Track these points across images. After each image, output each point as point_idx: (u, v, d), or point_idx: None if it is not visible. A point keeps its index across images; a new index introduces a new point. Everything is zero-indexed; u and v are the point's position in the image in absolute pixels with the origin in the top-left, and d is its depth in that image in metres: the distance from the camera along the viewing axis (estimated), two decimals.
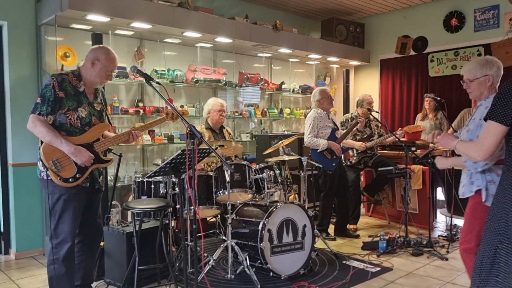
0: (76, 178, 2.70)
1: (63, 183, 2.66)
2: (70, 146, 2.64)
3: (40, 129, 2.61)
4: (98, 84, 2.88)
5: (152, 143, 4.79)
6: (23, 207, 4.10)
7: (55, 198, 2.69)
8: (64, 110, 2.69)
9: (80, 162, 2.68)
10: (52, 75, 2.72)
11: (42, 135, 2.63)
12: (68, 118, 2.70)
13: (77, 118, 2.73)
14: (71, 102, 2.72)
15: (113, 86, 4.53)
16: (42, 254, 4.19)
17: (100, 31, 4.07)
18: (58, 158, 2.65)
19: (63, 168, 2.66)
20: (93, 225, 2.97)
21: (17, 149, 4.05)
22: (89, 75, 2.81)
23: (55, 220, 2.71)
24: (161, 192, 3.57)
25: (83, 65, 2.87)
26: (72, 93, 2.74)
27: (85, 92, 2.82)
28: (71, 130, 2.72)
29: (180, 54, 5.15)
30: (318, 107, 4.56)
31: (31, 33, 4.07)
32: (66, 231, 2.71)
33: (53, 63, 3.98)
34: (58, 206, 2.70)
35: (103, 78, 2.85)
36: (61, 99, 2.68)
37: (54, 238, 2.72)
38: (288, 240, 3.45)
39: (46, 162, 2.62)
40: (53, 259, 2.71)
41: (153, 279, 3.36)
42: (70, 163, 2.68)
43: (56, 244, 2.71)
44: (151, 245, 3.30)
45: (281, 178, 3.95)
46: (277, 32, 5.47)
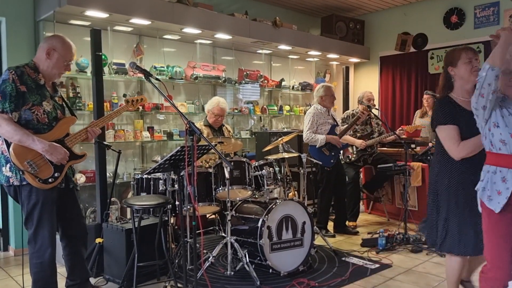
0: (55, 177, 2.54)
1: (43, 184, 2.48)
2: (44, 143, 2.45)
3: (6, 128, 2.38)
4: (57, 76, 2.70)
5: (151, 139, 4.78)
6: None
7: (32, 203, 2.51)
8: (29, 105, 2.48)
9: (56, 160, 2.50)
10: (9, 68, 2.52)
11: (9, 135, 2.40)
12: (34, 114, 2.50)
13: (44, 113, 2.54)
14: (34, 96, 2.52)
15: (112, 82, 4.52)
16: None
17: (99, 27, 4.04)
18: (32, 159, 2.44)
19: (39, 169, 2.47)
20: (77, 227, 2.86)
21: None
22: (46, 67, 2.61)
23: (33, 226, 2.54)
24: (161, 189, 3.57)
25: (36, 56, 2.66)
26: (34, 87, 2.54)
27: (45, 85, 2.63)
28: (39, 127, 2.52)
29: (180, 51, 5.13)
30: (319, 103, 4.54)
31: (29, 29, 4.05)
32: (47, 236, 2.56)
33: None
34: (35, 212, 2.51)
35: (61, 69, 2.66)
36: (24, 93, 2.47)
37: (34, 243, 2.57)
38: (288, 237, 3.44)
39: (20, 165, 2.40)
40: (36, 263, 2.59)
41: (153, 276, 3.36)
42: (45, 163, 2.49)
43: (37, 249, 2.57)
44: (151, 242, 3.30)
45: (281, 175, 3.94)
46: (276, 28, 5.46)
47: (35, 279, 2.64)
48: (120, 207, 4.31)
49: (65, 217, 2.76)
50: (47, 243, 2.57)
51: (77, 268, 2.90)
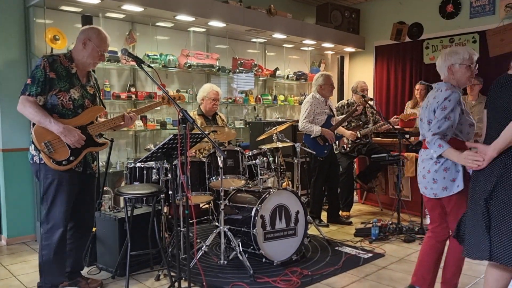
0: (70, 161, 2.67)
1: (56, 166, 2.63)
2: (59, 125, 2.60)
3: (29, 109, 2.57)
4: (91, 65, 2.84)
5: (145, 129, 4.74)
6: (14, 193, 4.05)
7: (48, 182, 2.66)
8: (56, 91, 2.65)
9: (70, 142, 2.64)
10: (43, 56, 2.68)
11: (31, 116, 2.59)
12: (59, 99, 2.66)
13: (69, 100, 2.69)
14: (63, 83, 2.68)
15: (104, 70, 4.46)
16: (33, 240, 4.16)
17: (90, 13, 3.98)
18: (50, 140, 2.61)
19: (55, 151, 2.63)
20: (86, 212, 2.94)
21: (8, 135, 3.99)
22: (81, 56, 2.78)
23: (47, 205, 2.68)
24: (154, 178, 3.54)
25: (74, 47, 2.84)
26: (64, 74, 2.70)
27: (77, 74, 2.78)
28: (64, 112, 2.68)
29: (173, 39, 5.07)
30: (318, 91, 4.51)
31: (19, 15, 3.97)
32: (58, 216, 2.68)
33: (42, 46, 3.89)
34: (50, 191, 2.66)
35: (95, 59, 2.81)
36: (52, 80, 2.64)
37: (45, 223, 2.69)
38: (281, 226, 3.44)
39: (38, 145, 2.59)
40: (45, 245, 2.68)
41: (146, 265, 3.35)
42: (63, 146, 2.65)
43: (48, 229, 2.68)
44: (144, 231, 3.28)
45: (275, 164, 3.93)
46: (271, 16, 5.40)
47: (42, 261, 2.72)
48: (113, 196, 4.29)
49: (77, 201, 2.81)
50: (58, 224, 2.69)
51: (72, 254, 2.92)
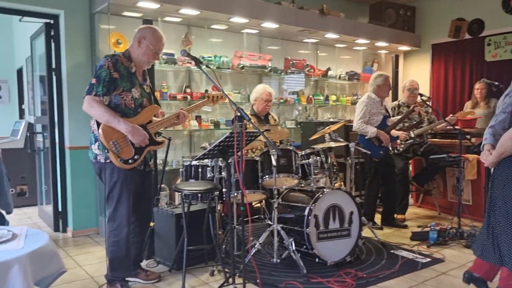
0: (135, 159, 2.74)
1: (124, 164, 2.69)
2: (128, 124, 2.66)
3: (97, 109, 2.63)
4: (146, 64, 2.90)
5: (199, 128, 4.88)
6: (79, 188, 4.30)
7: (113, 181, 2.72)
8: (119, 91, 2.72)
9: (137, 141, 2.70)
10: (106, 56, 2.77)
11: (98, 115, 2.65)
12: (123, 99, 2.73)
13: (132, 99, 2.77)
14: (125, 83, 2.75)
15: (162, 72, 4.63)
16: (96, 233, 4.39)
17: (150, 17, 4.16)
18: (116, 139, 2.67)
19: (122, 150, 2.68)
20: (145, 208, 3.05)
21: (74, 133, 4.24)
22: (137, 55, 2.84)
23: (113, 204, 2.75)
24: (208, 176, 3.62)
25: (131, 45, 2.91)
26: (125, 74, 2.77)
27: (136, 74, 2.85)
28: (126, 112, 2.75)
29: (227, 41, 5.17)
30: (374, 92, 4.42)
31: (85, 21, 4.22)
32: (124, 214, 2.76)
33: (106, 50, 4.11)
34: (116, 190, 2.73)
35: (150, 57, 2.85)
36: (116, 80, 2.71)
37: (112, 221, 2.77)
38: (335, 227, 3.40)
39: (106, 143, 2.64)
40: (114, 241, 2.78)
41: (200, 260, 3.44)
42: (127, 145, 2.71)
43: (115, 227, 2.77)
44: (199, 227, 3.37)
45: (327, 164, 3.90)
46: (324, 16, 5.37)
47: (111, 257, 2.82)
48: (169, 193, 4.44)
49: (137, 197, 2.91)
50: (124, 222, 2.77)
51: (133, 248, 3.03)
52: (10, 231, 1.69)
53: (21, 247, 1.54)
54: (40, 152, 5.13)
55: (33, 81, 5.42)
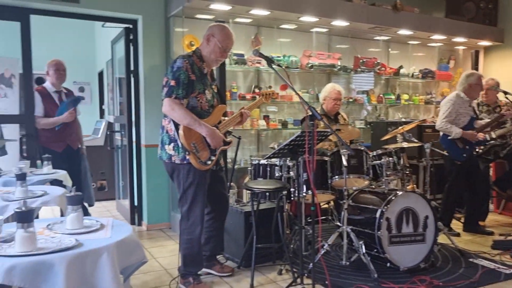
0: (211, 160, 2.79)
1: (202, 165, 2.73)
2: (208, 127, 2.69)
3: (178, 112, 2.64)
4: (214, 62, 2.87)
5: (267, 128, 4.91)
6: (153, 184, 4.52)
7: (189, 182, 2.76)
8: (195, 93, 2.74)
9: (215, 143, 2.74)
10: (183, 57, 2.75)
11: (180, 118, 2.66)
12: (199, 101, 2.76)
13: (206, 101, 2.79)
14: (200, 84, 2.77)
15: (232, 72, 4.73)
16: (168, 228, 4.59)
17: (222, 19, 4.26)
18: (195, 141, 2.70)
19: (200, 151, 2.72)
20: (222, 203, 3.11)
21: (149, 132, 4.46)
22: (206, 52, 2.81)
23: (187, 203, 2.80)
24: (277, 175, 3.64)
25: (201, 44, 2.89)
26: (199, 75, 2.78)
27: (207, 74, 2.87)
28: (201, 113, 2.76)
29: (295, 40, 5.16)
30: (464, 91, 4.14)
31: (161, 25, 4.42)
32: (198, 213, 2.82)
33: (180, 52, 4.25)
34: (191, 190, 2.77)
35: (217, 55, 2.81)
36: (193, 82, 2.71)
37: (186, 219, 2.83)
38: (408, 231, 3.26)
39: (187, 146, 2.67)
40: (187, 239, 2.86)
41: (268, 258, 3.46)
42: (204, 146, 2.75)
43: (189, 225, 2.83)
44: (267, 226, 3.40)
45: (400, 166, 3.75)
46: (396, 12, 5.17)
47: (184, 254, 2.91)
48: (237, 191, 4.53)
49: (213, 195, 2.98)
50: (198, 221, 2.82)
51: (211, 241, 3.14)
52: (98, 222, 1.81)
53: (108, 237, 1.64)
54: (118, 150, 5.47)
55: (113, 83, 5.79)
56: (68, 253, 1.45)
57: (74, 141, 4.22)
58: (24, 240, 1.43)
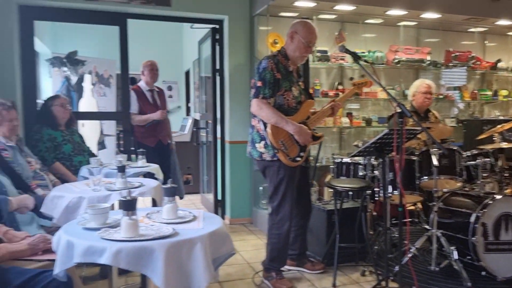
0: (301, 156, 2.82)
1: (292, 162, 2.78)
2: (295, 125, 2.74)
3: (266, 111, 2.72)
4: (299, 59, 2.90)
5: (350, 125, 4.81)
6: (236, 180, 4.66)
7: (279, 178, 2.82)
8: (282, 91, 2.80)
9: (303, 140, 2.77)
10: (268, 57, 2.84)
11: (267, 117, 2.74)
12: (285, 99, 2.81)
13: (293, 98, 2.83)
14: (286, 82, 2.82)
15: (315, 69, 4.70)
16: (250, 223, 4.70)
17: (306, 16, 4.25)
18: (283, 139, 2.77)
19: (289, 148, 2.78)
20: (306, 201, 3.13)
21: (233, 128, 4.60)
22: (290, 50, 2.86)
23: (277, 199, 2.86)
24: (360, 174, 3.56)
25: (285, 43, 2.94)
26: (285, 73, 2.83)
27: (292, 72, 2.91)
28: (288, 111, 2.82)
29: (381, 35, 4.99)
30: None
31: (246, 24, 4.53)
32: (288, 209, 2.87)
33: (264, 51, 4.35)
34: (281, 186, 2.83)
35: (302, 51, 2.83)
36: (278, 80, 2.77)
37: (275, 215, 2.90)
38: (507, 238, 3.00)
39: (275, 143, 2.75)
40: (275, 234, 2.91)
41: (350, 259, 3.39)
42: (293, 143, 2.79)
43: (278, 220, 2.89)
44: (350, 225, 3.33)
45: (497, 168, 3.46)
46: (496, 1, 4.75)
47: (271, 249, 2.98)
48: (318, 189, 4.50)
49: (299, 192, 3.02)
50: (287, 217, 2.88)
51: (298, 240, 3.17)
52: (191, 213, 1.91)
53: (201, 228, 1.73)
54: (203, 146, 5.71)
55: (200, 82, 6.06)
56: (166, 240, 1.55)
57: (165, 137, 4.51)
58: (128, 227, 1.56)
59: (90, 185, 2.56)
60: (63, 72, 5.50)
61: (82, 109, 5.49)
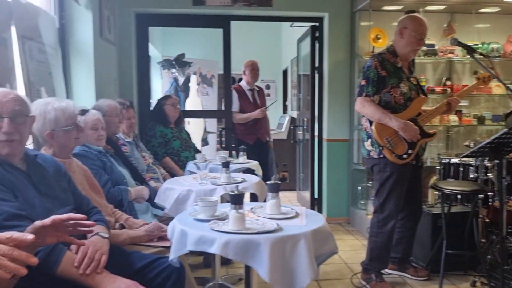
0: (409, 154, 2.76)
1: (398, 159, 2.74)
2: (399, 121, 2.70)
3: (369, 108, 2.74)
4: (411, 53, 2.85)
5: (459, 124, 4.47)
6: (333, 178, 4.61)
7: (386, 175, 2.80)
8: (388, 88, 2.77)
9: (409, 136, 2.71)
10: (372, 56, 2.86)
11: (371, 114, 2.76)
12: (392, 95, 2.78)
13: (400, 94, 2.79)
14: (393, 79, 2.79)
15: (420, 65, 4.45)
16: (347, 222, 4.62)
17: (411, 9, 4.03)
18: (389, 136, 2.74)
19: (395, 145, 2.75)
20: (416, 203, 3.01)
21: (332, 127, 4.56)
22: (400, 47, 2.82)
23: (382, 196, 2.84)
24: (471, 177, 3.30)
25: (393, 40, 2.92)
26: (392, 70, 2.80)
27: (402, 68, 2.86)
28: (396, 107, 2.79)
29: (497, 25, 4.54)
30: None
31: (346, 20, 4.45)
32: (393, 208, 2.82)
33: (365, 47, 4.24)
34: (387, 184, 2.80)
35: (413, 45, 2.79)
36: (384, 78, 2.76)
37: (380, 212, 2.87)
38: None
39: (380, 140, 2.75)
40: (378, 232, 2.87)
41: (458, 267, 3.15)
42: (400, 140, 2.75)
43: (381, 218, 2.85)
44: (458, 231, 3.10)
45: None
46: None
47: (371, 247, 2.94)
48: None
49: (408, 193, 2.93)
50: (392, 215, 2.84)
51: (403, 242, 3.06)
52: (293, 209, 1.95)
53: (304, 224, 1.75)
54: (300, 143, 5.74)
55: (298, 80, 6.10)
56: (271, 235, 1.60)
57: (263, 134, 4.64)
58: (236, 220, 1.64)
59: (198, 179, 2.74)
60: (172, 73, 5.93)
61: (188, 108, 5.87)
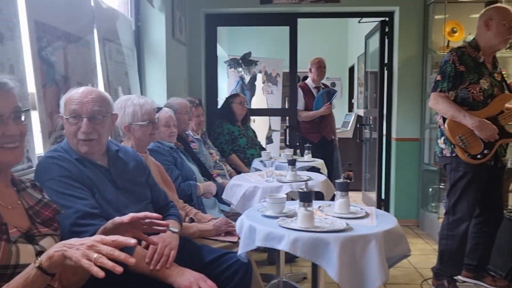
0: (484, 154, 2.60)
1: (471, 159, 2.60)
2: (474, 119, 2.55)
3: (442, 105, 2.63)
4: (502, 44, 2.68)
5: None
6: (402, 179, 4.43)
7: (458, 175, 2.67)
8: (466, 84, 2.63)
9: (485, 136, 2.56)
10: (451, 50, 2.72)
11: (444, 111, 2.64)
12: (470, 92, 2.63)
13: (480, 91, 2.63)
14: (472, 75, 2.64)
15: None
16: (416, 225, 4.42)
17: None
18: (463, 134, 2.61)
19: (469, 145, 2.60)
20: (495, 207, 2.82)
21: (401, 125, 4.39)
22: (487, 40, 2.66)
23: (454, 197, 2.70)
24: None
25: (476, 34, 2.74)
26: (472, 66, 2.65)
27: (484, 63, 2.69)
28: (473, 105, 2.64)
29: None
30: None
31: (419, 14, 4.24)
32: (465, 209, 2.67)
33: (439, 41, 4.03)
34: (460, 184, 2.67)
35: (505, 35, 2.62)
36: (462, 73, 2.63)
37: (451, 214, 2.73)
38: None
39: (452, 139, 2.63)
40: (449, 235, 2.73)
41: None
42: (476, 139, 2.60)
43: (453, 220, 2.71)
44: None
45: None
46: None
47: (442, 250, 2.80)
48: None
49: (487, 196, 2.78)
50: (465, 217, 2.69)
51: (480, 249, 2.88)
52: (363, 209, 1.89)
53: (375, 225, 1.69)
54: (366, 142, 5.57)
55: (365, 77, 5.93)
56: (341, 234, 1.57)
57: (329, 133, 4.57)
58: (305, 217, 1.62)
59: (264, 176, 2.75)
60: (238, 72, 6.03)
61: (253, 106, 5.94)
